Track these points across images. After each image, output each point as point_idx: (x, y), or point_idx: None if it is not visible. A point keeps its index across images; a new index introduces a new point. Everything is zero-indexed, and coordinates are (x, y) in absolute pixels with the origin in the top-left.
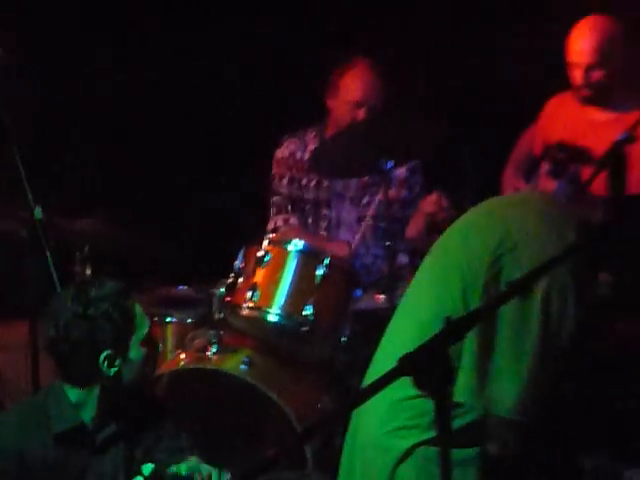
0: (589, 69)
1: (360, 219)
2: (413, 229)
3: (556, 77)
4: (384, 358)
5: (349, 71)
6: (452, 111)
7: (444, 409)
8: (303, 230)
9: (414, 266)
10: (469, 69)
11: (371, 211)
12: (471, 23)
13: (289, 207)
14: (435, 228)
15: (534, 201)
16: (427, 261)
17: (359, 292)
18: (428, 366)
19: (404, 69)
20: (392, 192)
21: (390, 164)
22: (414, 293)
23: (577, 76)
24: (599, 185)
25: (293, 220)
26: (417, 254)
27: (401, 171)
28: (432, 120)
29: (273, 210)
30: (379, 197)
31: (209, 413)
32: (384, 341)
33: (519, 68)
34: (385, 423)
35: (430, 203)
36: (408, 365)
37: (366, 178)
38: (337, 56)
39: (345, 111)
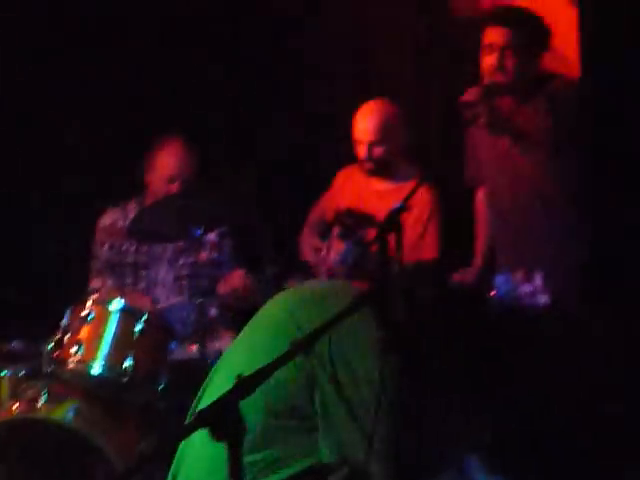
0: (371, 146)
1: (176, 279)
2: (223, 287)
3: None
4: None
5: (163, 149)
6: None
7: (236, 458)
8: (120, 290)
9: (224, 319)
10: (273, 139)
11: (186, 271)
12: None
13: (107, 271)
14: (240, 299)
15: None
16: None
17: (174, 344)
18: (221, 419)
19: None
20: (204, 254)
21: (199, 231)
22: (232, 352)
23: (361, 151)
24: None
25: (110, 282)
26: (226, 309)
27: (212, 236)
28: (241, 189)
29: (93, 273)
30: (193, 259)
31: (40, 461)
32: (206, 391)
33: (315, 140)
34: (209, 474)
35: (236, 277)
36: (204, 418)
37: (181, 243)
38: (153, 136)
39: (161, 185)
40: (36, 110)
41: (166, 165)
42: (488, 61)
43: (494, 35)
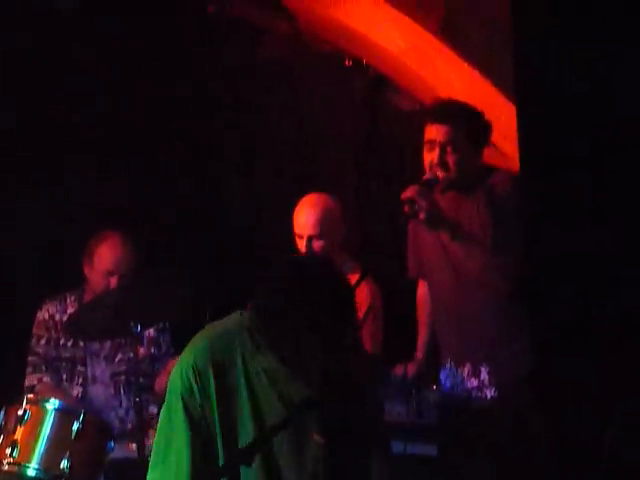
0: (311, 239)
1: (113, 375)
2: (161, 382)
3: None
4: None
5: (102, 243)
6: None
7: None
8: (56, 388)
9: None
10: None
11: (123, 368)
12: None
13: (44, 367)
14: None
15: None
16: None
17: (112, 444)
18: None
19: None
20: (142, 350)
21: (138, 328)
22: None
23: (301, 245)
24: None
25: (46, 379)
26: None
27: (150, 331)
28: (178, 285)
29: (29, 369)
30: (130, 355)
31: None
32: None
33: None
34: None
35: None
36: None
37: (119, 339)
38: (93, 229)
39: (99, 279)
40: None
41: (104, 259)
42: (429, 157)
43: (434, 132)
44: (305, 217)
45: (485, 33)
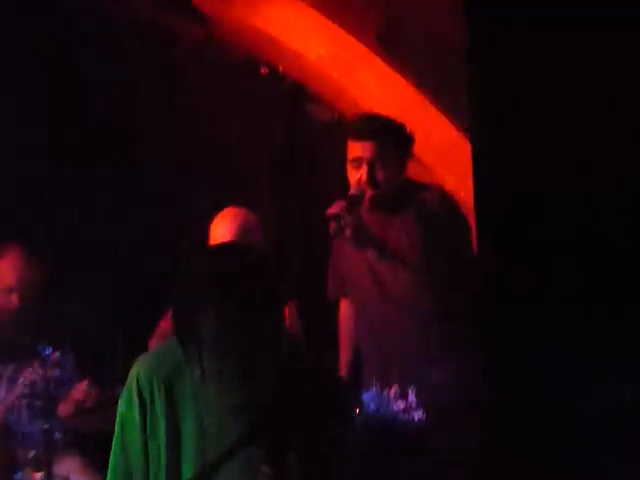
0: None
1: (17, 399)
2: (66, 406)
3: None
4: None
5: (1, 257)
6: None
7: None
8: None
9: (70, 443)
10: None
11: (27, 391)
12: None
13: None
14: (84, 412)
15: None
16: None
17: (19, 473)
18: None
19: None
20: (48, 372)
21: (43, 349)
22: None
23: None
24: None
25: None
26: (72, 431)
27: (56, 353)
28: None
29: None
30: (35, 377)
31: None
32: None
33: None
34: None
35: (79, 390)
36: None
37: (22, 360)
38: None
39: None
40: None
41: (4, 275)
42: (355, 175)
43: (360, 149)
44: (223, 232)
45: (432, 47)
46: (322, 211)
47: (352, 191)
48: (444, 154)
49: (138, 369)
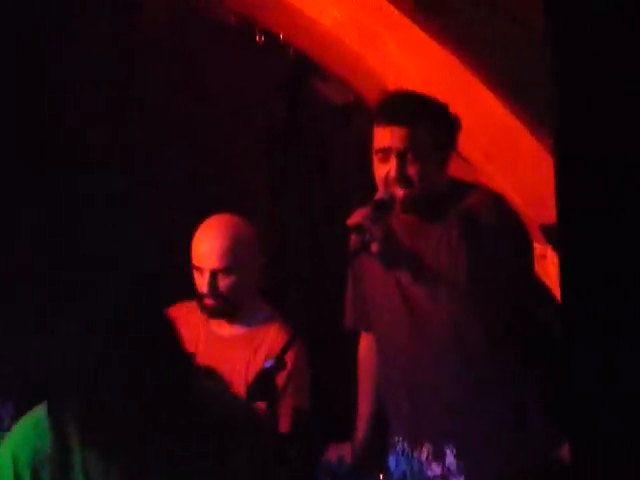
0: (216, 275)
1: None
2: None
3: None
4: None
5: None
6: None
7: None
8: None
9: None
10: None
11: None
12: None
13: None
14: None
15: None
16: None
17: None
18: None
19: None
20: None
21: None
22: None
23: (202, 283)
24: None
25: None
26: None
27: None
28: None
29: None
30: None
31: None
32: None
33: None
34: None
35: None
36: None
37: None
38: None
39: None
40: None
41: None
42: (382, 170)
43: (389, 136)
44: (209, 245)
45: (485, 11)
46: (339, 221)
47: (379, 194)
48: (496, 149)
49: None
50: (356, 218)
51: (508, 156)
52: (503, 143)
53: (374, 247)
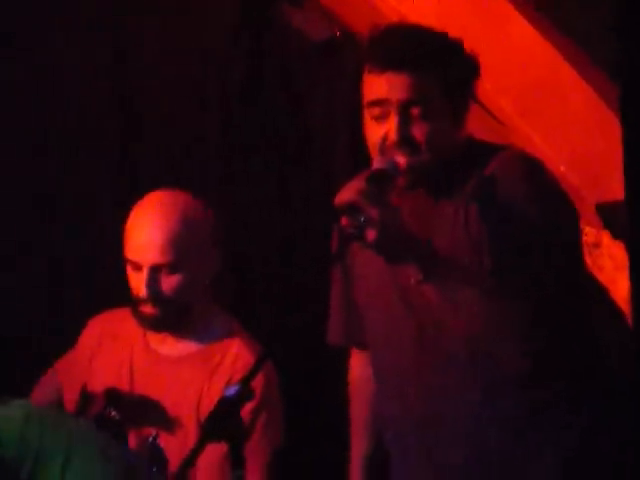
0: (157, 272)
1: None
2: None
3: None
4: None
5: None
6: None
7: None
8: None
9: None
10: None
11: None
12: None
13: None
14: None
15: None
16: None
17: None
18: None
19: None
20: None
21: None
22: None
23: (137, 282)
24: None
25: None
26: None
27: None
28: None
29: None
30: None
31: None
32: None
33: None
34: None
35: None
36: None
37: None
38: None
39: None
40: None
41: None
42: (378, 131)
43: (384, 87)
44: (148, 232)
45: None
46: (322, 199)
47: (377, 162)
48: (535, 101)
49: None
50: (347, 195)
51: (552, 111)
52: (545, 93)
53: (371, 234)
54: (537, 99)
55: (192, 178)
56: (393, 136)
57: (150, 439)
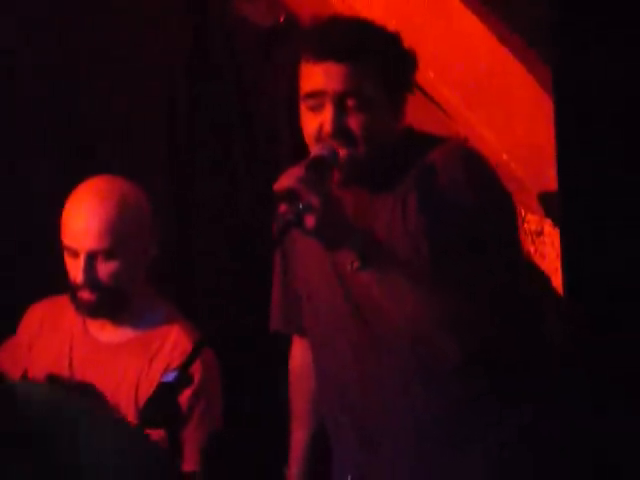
0: (93, 259)
1: None
2: None
3: None
4: None
5: None
6: None
7: None
8: None
9: None
10: None
11: None
12: None
13: None
14: None
15: None
16: None
17: None
18: None
19: None
20: None
21: None
22: None
23: (74, 269)
24: None
25: None
26: None
27: None
28: None
29: None
30: None
31: None
32: None
33: None
34: None
35: None
36: None
37: None
38: None
39: None
40: None
41: None
42: (314, 122)
43: (321, 77)
44: (84, 219)
45: None
46: (261, 186)
47: (317, 149)
48: (480, 91)
49: None
50: (285, 181)
51: (496, 102)
52: (490, 85)
53: (310, 220)
54: (482, 91)
55: (139, 171)
56: (328, 127)
57: None
